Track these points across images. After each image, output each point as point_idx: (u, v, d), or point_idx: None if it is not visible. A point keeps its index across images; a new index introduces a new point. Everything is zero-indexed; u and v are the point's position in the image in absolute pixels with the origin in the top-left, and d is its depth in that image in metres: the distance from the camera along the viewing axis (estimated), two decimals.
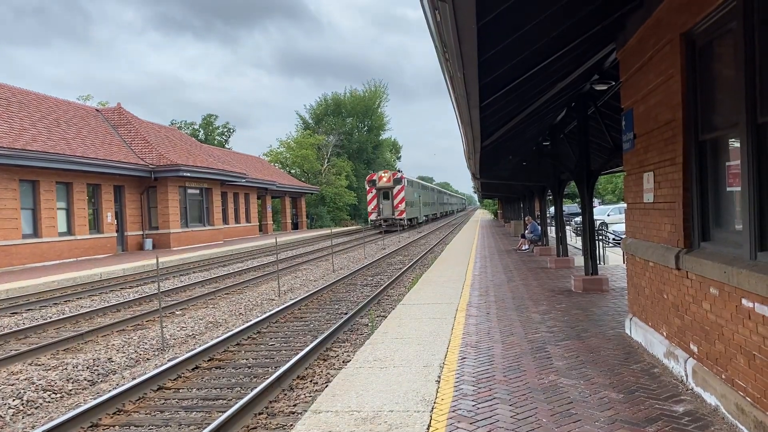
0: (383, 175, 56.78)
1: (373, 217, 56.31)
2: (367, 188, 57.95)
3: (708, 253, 5.21)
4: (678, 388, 5.51)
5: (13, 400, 8.28)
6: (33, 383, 8.97)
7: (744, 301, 4.31)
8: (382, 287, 17.09)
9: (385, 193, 55.63)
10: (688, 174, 5.59)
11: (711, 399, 4.97)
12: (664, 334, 6.33)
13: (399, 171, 64.09)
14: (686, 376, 5.57)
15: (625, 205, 8.23)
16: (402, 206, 54.99)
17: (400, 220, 54.29)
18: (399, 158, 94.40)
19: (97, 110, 39.71)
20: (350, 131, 77.98)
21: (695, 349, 5.41)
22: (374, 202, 56.13)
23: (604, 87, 9.69)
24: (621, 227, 25.71)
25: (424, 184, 76.58)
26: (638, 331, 7.30)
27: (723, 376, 4.78)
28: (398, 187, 55.42)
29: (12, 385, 8.90)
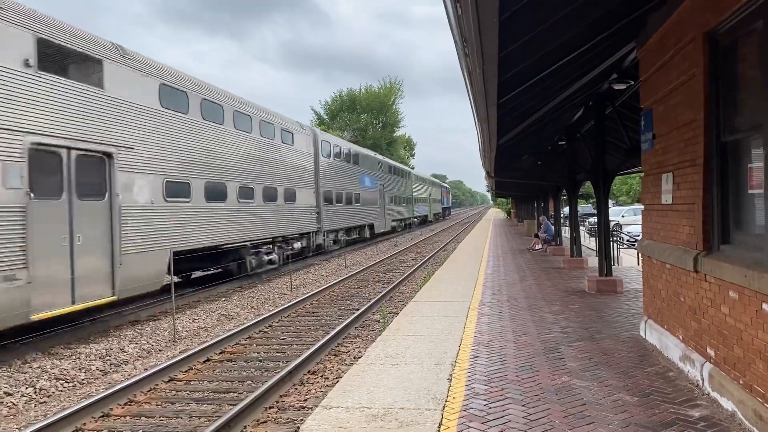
0: None
1: None
2: None
3: (728, 256, 5.12)
4: (694, 392, 5.43)
5: (26, 388, 8.34)
6: (46, 372, 9.04)
7: (765, 306, 4.22)
8: (394, 284, 17.07)
9: None
10: (708, 175, 5.50)
11: (728, 404, 4.89)
12: (680, 337, 6.24)
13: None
14: (702, 380, 5.48)
15: (642, 206, 8.13)
16: None
17: None
18: (413, 155, 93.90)
19: None
20: (365, 127, 77.71)
21: (712, 354, 5.33)
22: None
23: (622, 86, 9.57)
24: (635, 228, 25.52)
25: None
26: (653, 334, 7.21)
27: (741, 382, 4.70)
28: None
29: (25, 373, 8.97)
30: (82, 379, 8.92)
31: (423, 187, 64.21)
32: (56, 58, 10.75)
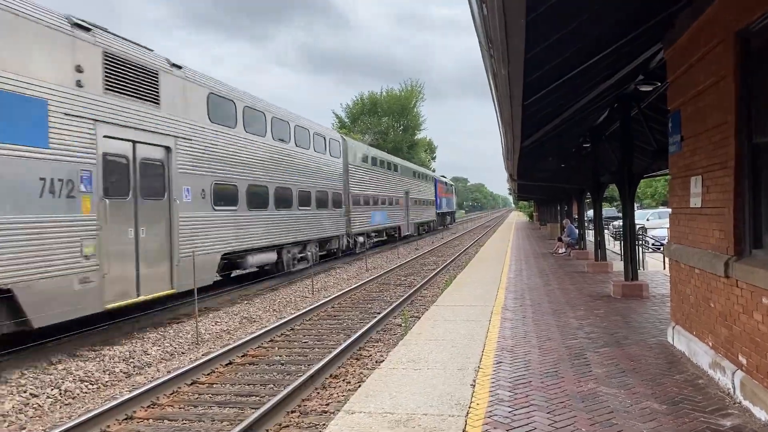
0: None
1: None
2: None
3: (760, 260, 4.99)
4: (725, 400, 5.29)
5: (52, 389, 8.43)
6: (71, 373, 9.13)
7: None
8: (415, 288, 16.99)
9: None
10: (740, 178, 5.36)
11: (761, 414, 4.75)
12: (710, 344, 6.09)
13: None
14: (734, 388, 5.34)
15: (668, 209, 7.97)
16: None
17: None
18: (434, 158, 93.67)
19: None
20: (386, 130, 77.63)
21: (744, 361, 5.19)
22: None
23: (649, 88, 9.41)
24: (660, 232, 25.12)
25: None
26: (681, 340, 7.05)
27: None
28: None
29: (50, 375, 9.07)
30: (106, 381, 8.99)
31: (390, 177, 37.33)
32: None
